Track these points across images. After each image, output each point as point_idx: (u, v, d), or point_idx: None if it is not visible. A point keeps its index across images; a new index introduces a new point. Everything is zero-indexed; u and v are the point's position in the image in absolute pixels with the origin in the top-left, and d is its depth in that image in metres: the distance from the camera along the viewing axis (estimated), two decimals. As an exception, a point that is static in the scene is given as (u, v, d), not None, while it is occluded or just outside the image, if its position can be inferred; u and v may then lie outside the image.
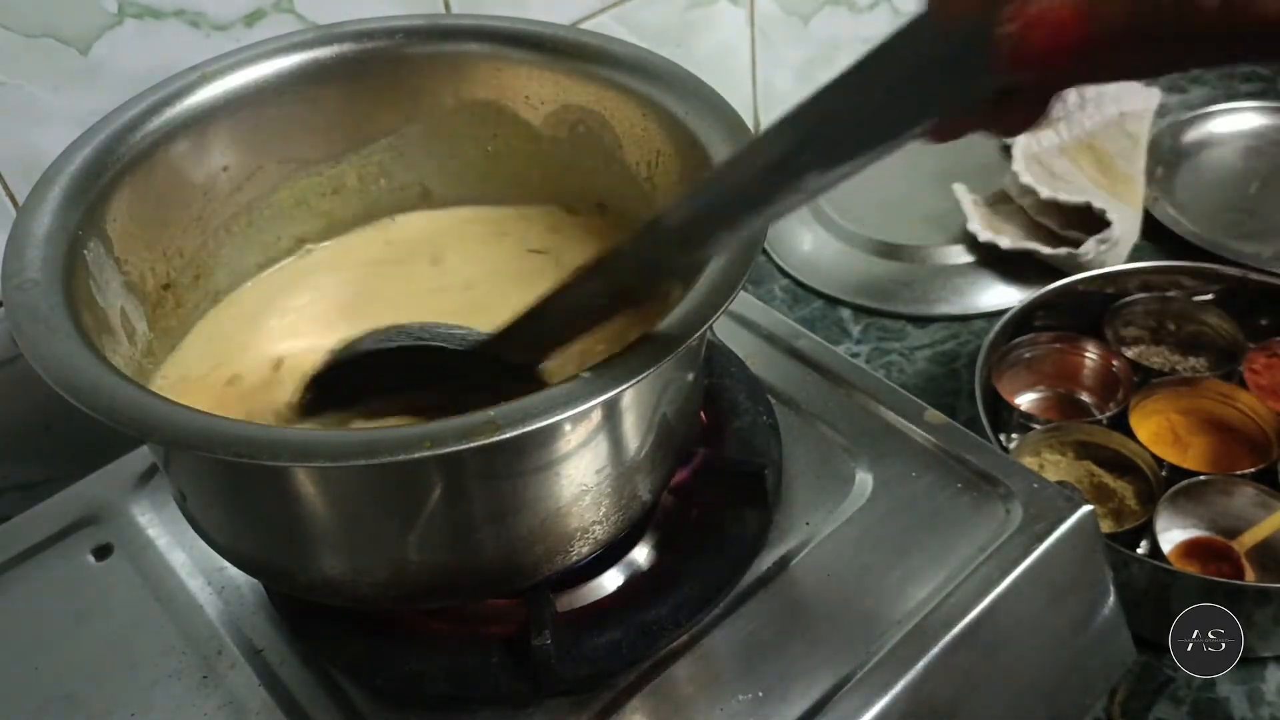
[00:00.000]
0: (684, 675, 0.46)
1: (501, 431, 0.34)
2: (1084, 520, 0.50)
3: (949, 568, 0.48)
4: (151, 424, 0.35)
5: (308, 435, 0.37)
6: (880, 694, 0.44)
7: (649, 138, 0.50)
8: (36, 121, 0.57)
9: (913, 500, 0.52)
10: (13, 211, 0.58)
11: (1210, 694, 0.56)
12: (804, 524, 0.51)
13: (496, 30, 0.54)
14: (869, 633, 0.46)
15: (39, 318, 0.38)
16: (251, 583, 0.50)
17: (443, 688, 0.44)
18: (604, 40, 0.52)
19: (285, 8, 0.63)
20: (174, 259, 0.50)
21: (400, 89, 0.55)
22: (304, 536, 0.42)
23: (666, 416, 0.44)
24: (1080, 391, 0.73)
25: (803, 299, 0.84)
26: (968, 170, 0.91)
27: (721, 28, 0.89)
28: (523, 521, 0.41)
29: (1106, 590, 0.52)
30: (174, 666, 0.48)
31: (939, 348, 0.79)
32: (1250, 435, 0.66)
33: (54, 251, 0.42)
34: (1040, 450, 0.67)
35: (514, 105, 0.55)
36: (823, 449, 0.55)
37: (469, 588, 0.44)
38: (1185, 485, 0.62)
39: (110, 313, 0.44)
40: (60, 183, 0.44)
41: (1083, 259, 0.78)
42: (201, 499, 0.44)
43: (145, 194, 0.48)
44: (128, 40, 0.58)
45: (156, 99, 0.49)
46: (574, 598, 0.48)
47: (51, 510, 0.55)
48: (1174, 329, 0.75)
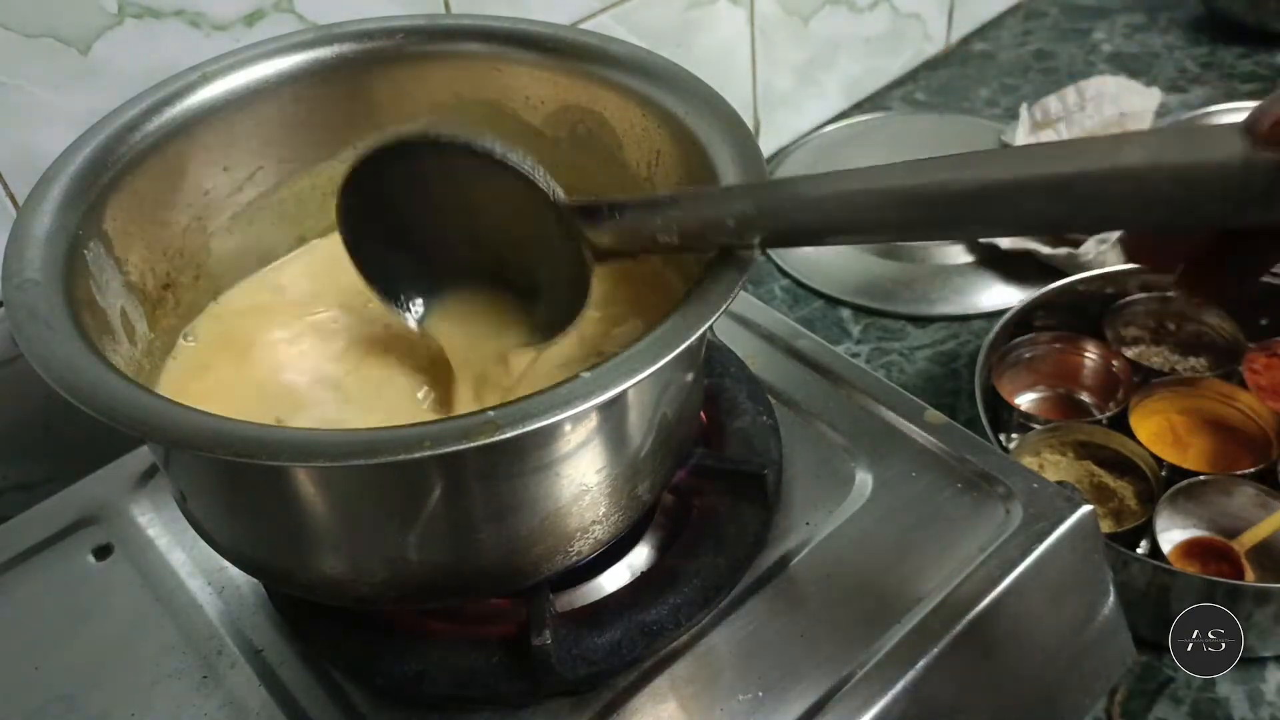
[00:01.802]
0: (684, 675, 0.46)
1: (501, 431, 0.34)
2: (1084, 520, 0.50)
3: (949, 568, 0.48)
4: (151, 424, 0.35)
5: (308, 435, 0.37)
6: (880, 694, 0.44)
7: (649, 138, 0.50)
8: (36, 121, 0.57)
9: (913, 500, 0.52)
10: (13, 211, 0.58)
11: (1210, 694, 0.56)
12: (804, 524, 0.51)
13: (496, 30, 0.54)
14: (869, 633, 0.46)
15: (39, 318, 0.38)
16: (251, 583, 0.50)
17: (443, 688, 0.44)
18: (604, 40, 0.52)
19: (285, 8, 0.63)
20: (174, 259, 0.50)
21: (400, 89, 0.55)
22: (304, 536, 0.42)
23: (666, 416, 0.44)
24: (1080, 391, 0.73)
25: (803, 299, 0.84)
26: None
27: (721, 28, 0.89)
28: (523, 521, 0.41)
29: (1106, 590, 0.52)
30: (174, 666, 0.48)
31: (939, 348, 0.79)
32: (1250, 435, 0.66)
33: (54, 251, 0.42)
34: (1040, 450, 0.67)
35: (514, 105, 0.55)
36: (823, 449, 0.55)
37: (469, 588, 0.44)
38: (1185, 485, 0.62)
39: (110, 313, 0.44)
40: (60, 183, 0.44)
41: (1083, 259, 0.78)
42: (202, 499, 0.44)
43: (145, 194, 0.48)
44: (128, 40, 0.58)
45: (156, 99, 0.49)
46: (574, 598, 0.48)
47: (51, 510, 0.55)
48: (1174, 329, 0.75)
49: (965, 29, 1.15)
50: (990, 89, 1.07)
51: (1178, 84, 1.05)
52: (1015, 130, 0.93)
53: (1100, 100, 0.93)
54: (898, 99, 1.07)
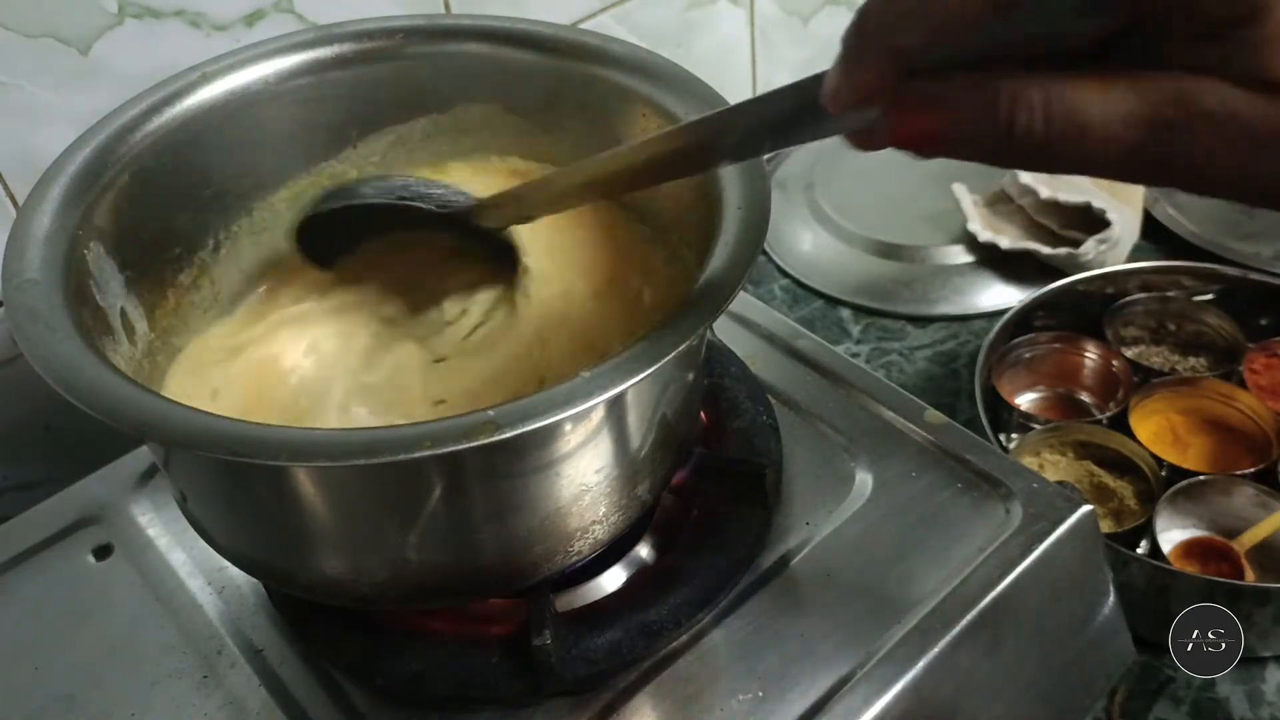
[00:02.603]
0: (684, 675, 0.46)
1: (501, 431, 0.34)
2: (1084, 520, 0.50)
3: (949, 567, 0.48)
4: (151, 424, 0.35)
5: (308, 435, 0.37)
6: (880, 694, 0.44)
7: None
8: (36, 121, 0.57)
9: (913, 500, 0.52)
10: (13, 211, 0.58)
11: (1210, 694, 0.56)
12: (804, 524, 0.51)
13: (496, 30, 0.54)
14: (869, 633, 0.46)
15: (39, 318, 0.38)
16: (251, 583, 0.50)
17: (443, 688, 0.44)
18: (604, 40, 0.52)
19: (285, 8, 0.63)
20: (174, 259, 0.50)
21: (400, 89, 0.55)
22: (304, 536, 0.42)
23: (666, 416, 0.44)
24: (1080, 391, 0.73)
25: (803, 299, 0.84)
26: (968, 170, 0.91)
27: (721, 28, 0.89)
28: (523, 521, 0.41)
29: (1106, 590, 0.52)
30: (174, 666, 0.48)
31: (939, 348, 0.79)
32: (1250, 435, 0.66)
33: (54, 251, 0.42)
34: (1040, 450, 0.67)
35: (514, 105, 0.55)
36: (823, 449, 0.55)
37: (469, 588, 0.44)
38: (1185, 485, 0.62)
39: (110, 313, 0.44)
40: (60, 183, 0.44)
41: (1083, 259, 0.78)
42: (202, 499, 0.44)
43: (145, 194, 0.48)
44: (128, 40, 0.58)
45: (156, 99, 0.49)
46: (574, 598, 0.48)
47: (51, 510, 0.55)
48: (1174, 329, 0.75)
49: (965, 29, 1.15)
50: (990, 89, 1.07)
51: (1178, 84, 1.05)
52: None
53: (1100, 100, 0.93)
54: (898, 99, 1.07)
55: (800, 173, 0.96)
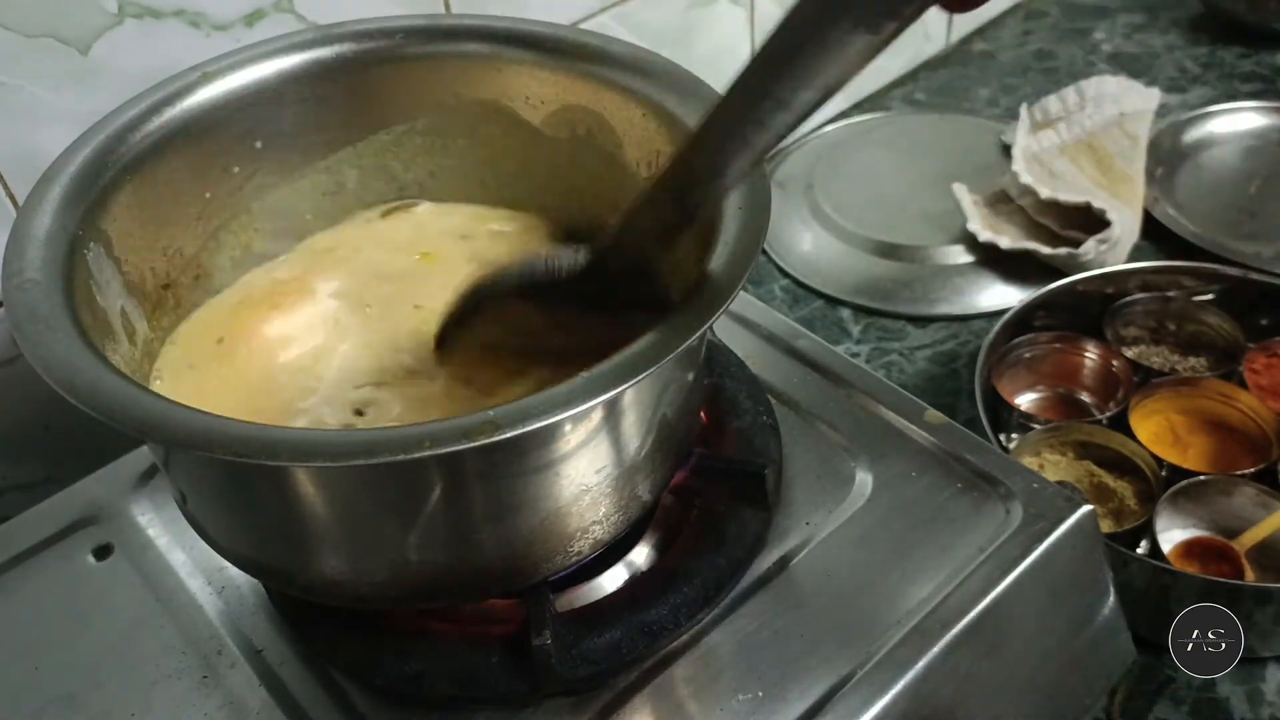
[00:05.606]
0: (684, 675, 0.46)
1: (501, 431, 0.34)
2: (1084, 520, 0.50)
3: (949, 568, 0.48)
4: (151, 424, 0.35)
5: (307, 435, 0.37)
6: (880, 694, 0.44)
7: (649, 138, 0.50)
8: (36, 121, 0.57)
9: (913, 500, 0.52)
10: (13, 211, 0.58)
11: (1210, 694, 0.56)
12: (804, 524, 0.51)
13: (496, 30, 0.54)
14: (869, 633, 0.46)
15: (39, 318, 0.38)
16: (251, 583, 0.50)
17: (443, 688, 0.44)
18: (604, 40, 0.52)
19: (285, 8, 0.63)
20: (174, 259, 0.50)
21: (400, 89, 0.55)
22: (304, 536, 0.42)
23: (666, 416, 0.44)
24: (1080, 391, 0.73)
25: (803, 299, 0.84)
26: (968, 170, 0.91)
27: (721, 28, 0.89)
28: (523, 521, 0.41)
29: (1106, 590, 0.52)
30: (174, 666, 0.48)
31: (939, 348, 0.79)
32: (1250, 435, 0.66)
33: (54, 251, 0.42)
34: (1040, 450, 0.67)
35: (514, 105, 0.55)
36: (823, 449, 0.55)
37: (469, 588, 0.44)
38: (1185, 485, 0.62)
39: (110, 313, 0.44)
40: (60, 183, 0.44)
41: (1083, 259, 0.78)
42: (201, 499, 0.44)
43: (145, 194, 0.48)
44: (128, 40, 0.58)
45: (156, 99, 0.49)
46: (574, 598, 0.48)
47: (51, 510, 0.55)
48: (1174, 329, 0.75)
49: (965, 29, 1.15)
50: (990, 89, 1.07)
51: (1178, 84, 1.05)
52: (1015, 130, 0.93)
53: (1100, 100, 0.93)
54: (898, 99, 1.07)
55: (800, 173, 0.96)
